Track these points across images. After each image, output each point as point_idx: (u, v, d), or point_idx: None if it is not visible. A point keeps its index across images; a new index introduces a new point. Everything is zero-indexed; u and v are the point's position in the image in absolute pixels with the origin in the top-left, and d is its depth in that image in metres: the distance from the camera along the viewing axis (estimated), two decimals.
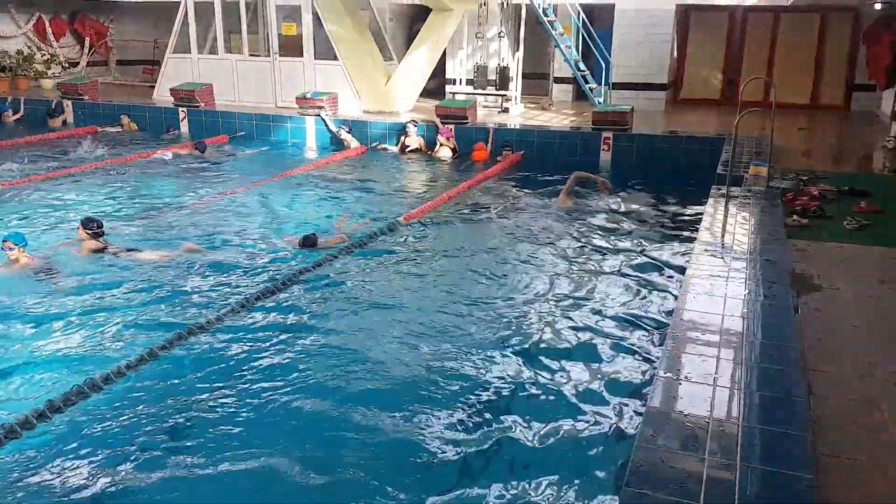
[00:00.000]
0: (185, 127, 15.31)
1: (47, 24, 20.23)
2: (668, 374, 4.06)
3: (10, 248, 6.93)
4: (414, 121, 13.70)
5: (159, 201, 9.87)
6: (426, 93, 16.84)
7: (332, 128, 14.04)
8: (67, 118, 16.08)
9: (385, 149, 13.73)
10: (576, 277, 7.15)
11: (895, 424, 3.76)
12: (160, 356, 5.32)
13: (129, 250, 7.58)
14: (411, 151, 13.42)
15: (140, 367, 5.17)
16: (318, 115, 14.26)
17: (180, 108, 15.38)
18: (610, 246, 8.11)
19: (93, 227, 7.56)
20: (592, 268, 7.44)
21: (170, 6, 17.22)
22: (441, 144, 13.21)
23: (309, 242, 7.69)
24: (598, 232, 8.64)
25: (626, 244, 8.17)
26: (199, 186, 10.82)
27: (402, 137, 13.58)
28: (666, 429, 3.53)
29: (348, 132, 13.85)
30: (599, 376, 5.15)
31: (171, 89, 15.73)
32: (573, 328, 5.93)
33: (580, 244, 8.19)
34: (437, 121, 13.57)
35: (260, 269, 7.24)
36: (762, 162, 9.09)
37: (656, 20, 15.85)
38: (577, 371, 5.24)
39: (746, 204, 7.88)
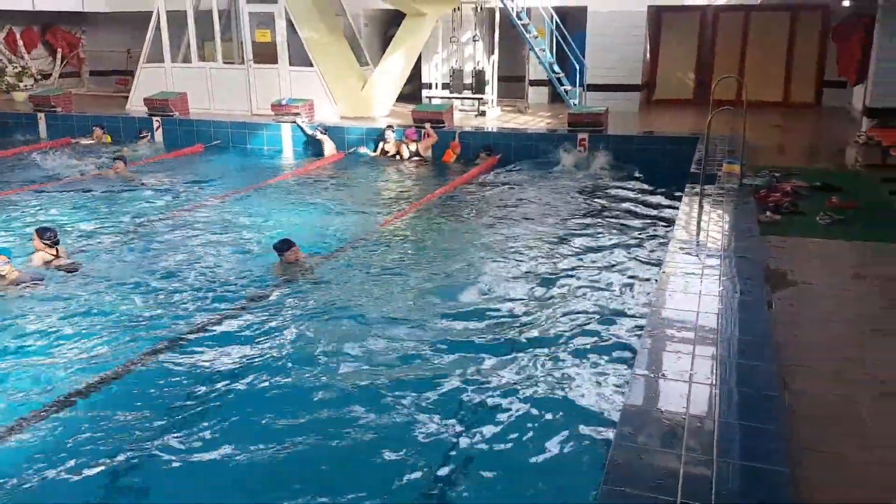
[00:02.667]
0: (159, 136, 15.19)
1: (18, 36, 20.02)
2: (645, 372, 4.09)
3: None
4: (391, 126, 13.71)
5: (131, 214, 9.78)
6: (403, 97, 16.84)
7: (308, 131, 13.97)
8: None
9: (361, 150, 13.75)
10: (552, 277, 7.17)
11: (870, 417, 3.81)
12: (131, 372, 5.27)
13: (71, 265, 7.44)
14: (390, 157, 13.41)
15: (118, 378, 5.14)
16: (294, 122, 14.21)
17: (154, 118, 15.26)
18: (587, 245, 8.14)
19: (49, 236, 7.39)
20: (569, 267, 7.46)
21: (142, 16, 17.10)
22: (403, 143, 13.29)
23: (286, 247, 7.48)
24: (575, 232, 8.67)
25: (602, 243, 8.20)
26: (174, 198, 10.75)
27: (381, 143, 13.58)
28: (643, 426, 3.55)
29: (324, 132, 13.79)
30: (576, 375, 5.16)
31: (144, 99, 15.61)
32: (550, 327, 5.94)
33: (557, 244, 8.22)
34: (428, 126, 13.53)
35: (236, 280, 7.20)
36: (735, 160, 9.18)
37: (629, 22, 15.94)
38: (555, 369, 5.24)
39: (720, 202, 7.94)
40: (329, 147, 13.71)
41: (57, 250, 7.49)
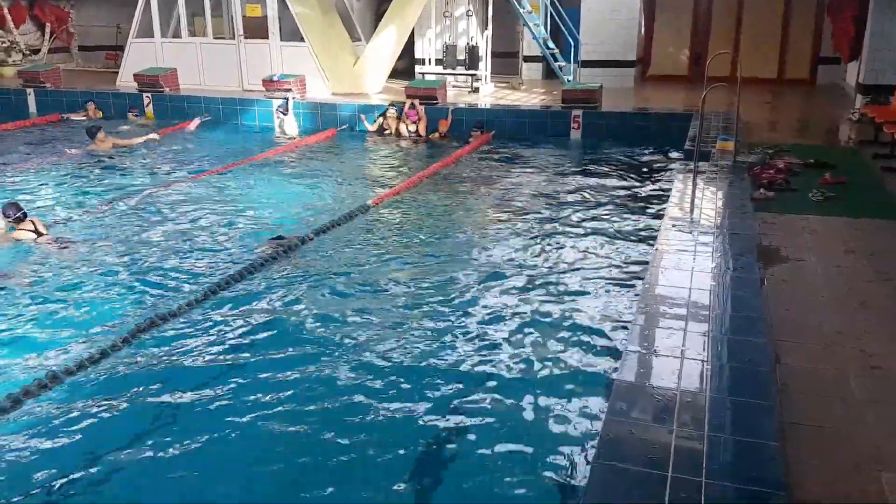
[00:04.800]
0: (150, 112, 15.06)
1: (6, 10, 19.74)
2: (637, 348, 4.10)
3: None
4: (393, 104, 13.58)
5: (119, 189, 9.70)
6: (396, 73, 16.71)
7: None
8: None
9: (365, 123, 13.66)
10: (546, 253, 7.16)
11: (861, 392, 3.83)
12: (110, 355, 5.19)
13: (57, 240, 7.35)
14: (388, 134, 13.31)
15: (95, 363, 5.09)
16: (289, 99, 14.08)
17: (144, 94, 15.12)
18: (581, 222, 8.12)
19: (12, 212, 7.28)
20: (563, 243, 7.44)
21: None
22: (402, 121, 13.16)
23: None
24: (570, 208, 8.65)
25: (596, 221, 8.18)
26: (163, 172, 10.69)
27: (382, 120, 13.45)
28: (635, 402, 3.56)
29: (284, 113, 13.57)
30: (570, 351, 5.16)
31: (134, 74, 15.47)
32: (545, 303, 5.93)
33: (551, 220, 8.20)
34: (416, 102, 13.41)
35: (225, 257, 7.16)
36: (729, 136, 9.16)
37: None
38: (549, 346, 5.24)
39: (714, 178, 7.94)
40: (290, 127, 13.53)
41: (34, 226, 7.40)
